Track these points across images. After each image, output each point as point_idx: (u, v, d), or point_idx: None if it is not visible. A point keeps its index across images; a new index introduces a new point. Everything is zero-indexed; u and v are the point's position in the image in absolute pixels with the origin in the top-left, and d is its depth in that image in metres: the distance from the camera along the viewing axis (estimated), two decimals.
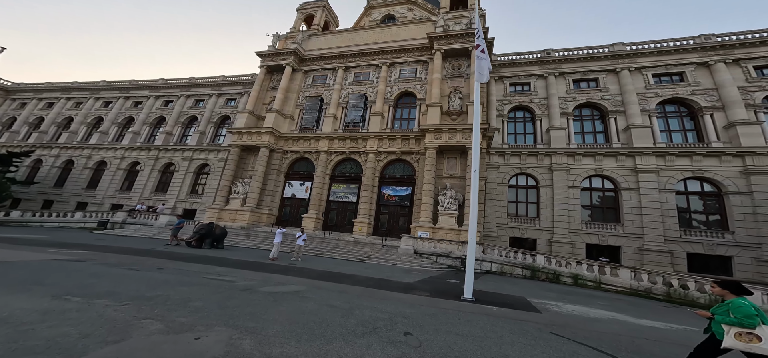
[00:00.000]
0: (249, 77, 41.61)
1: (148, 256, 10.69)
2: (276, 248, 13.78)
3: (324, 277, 9.39)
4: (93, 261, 8.59)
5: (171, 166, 36.91)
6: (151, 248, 13.54)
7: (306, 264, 12.50)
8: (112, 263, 8.47)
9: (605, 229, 20.47)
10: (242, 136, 29.95)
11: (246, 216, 26.21)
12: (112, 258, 9.38)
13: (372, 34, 35.64)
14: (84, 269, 7.19)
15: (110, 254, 10.53)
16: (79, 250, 11.24)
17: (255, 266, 10.58)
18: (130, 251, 11.65)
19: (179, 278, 6.84)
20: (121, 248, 12.43)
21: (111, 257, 9.74)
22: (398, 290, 8.54)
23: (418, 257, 17.31)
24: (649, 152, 20.57)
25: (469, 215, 9.61)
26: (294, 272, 9.75)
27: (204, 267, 9.04)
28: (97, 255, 9.93)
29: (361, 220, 25.07)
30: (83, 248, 11.86)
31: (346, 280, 9.27)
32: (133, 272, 7.15)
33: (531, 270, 16.09)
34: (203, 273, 7.95)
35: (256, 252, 15.77)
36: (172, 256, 11.17)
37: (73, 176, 38.50)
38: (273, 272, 9.34)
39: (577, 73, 27.25)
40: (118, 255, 10.19)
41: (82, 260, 8.75)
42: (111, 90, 47.69)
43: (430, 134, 24.08)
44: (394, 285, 9.28)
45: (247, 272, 8.78)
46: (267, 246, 17.58)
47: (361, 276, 10.44)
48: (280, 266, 11.07)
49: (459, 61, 28.68)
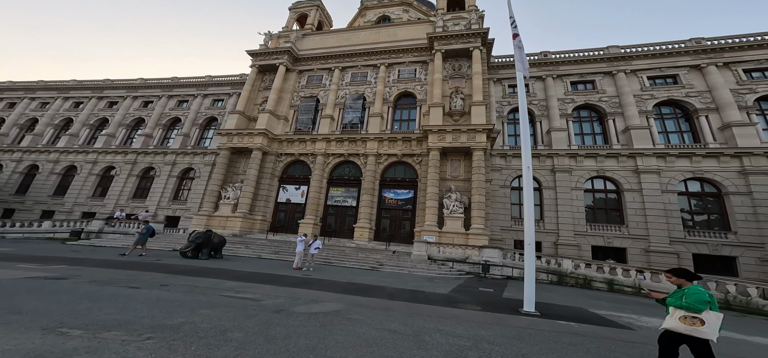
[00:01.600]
0: (238, 77, 39.90)
1: (140, 269, 9.35)
2: (299, 258, 12.73)
3: (350, 290, 8.48)
4: (78, 278, 7.26)
5: (151, 171, 34.49)
6: (139, 260, 12.06)
7: (321, 274, 11.51)
8: (102, 279, 7.18)
9: (610, 230, 20.65)
10: (233, 137, 28.33)
11: (238, 222, 24.61)
12: (101, 274, 8.04)
13: (369, 34, 35.02)
14: (71, 289, 5.94)
15: (95, 268, 9.12)
16: (55, 264, 9.72)
17: (269, 278, 9.48)
18: (118, 265, 10.21)
19: (194, 298, 5.75)
20: (105, 261, 10.92)
21: (98, 272, 8.38)
22: (442, 303, 7.74)
23: (433, 263, 16.59)
24: (650, 153, 21.03)
25: (525, 216, 8.57)
26: (316, 285, 8.78)
27: (214, 282, 7.91)
28: (80, 270, 8.53)
29: (362, 225, 24.13)
30: (60, 262, 10.30)
31: (376, 293, 8.38)
32: (133, 292, 5.97)
33: (557, 275, 15.40)
34: (217, 290, 6.84)
35: (261, 262, 14.51)
36: (169, 269, 9.84)
37: (38, 182, 35.17)
38: (294, 286, 8.32)
39: (575, 75, 27.74)
40: (105, 270, 8.81)
41: (64, 276, 7.40)
42: (82, 90, 44.41)
43: (433, 135, 23.59)
44: (434, 298, 8.47)
45: (265, 288, 7.72)
46: (268, 255, 16.32)
47: (390, 288, 9.55)
48: (298, 278, 10.03)
49: (459, 62, 28.51)
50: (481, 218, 19.46)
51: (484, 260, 16.03)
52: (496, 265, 15.98)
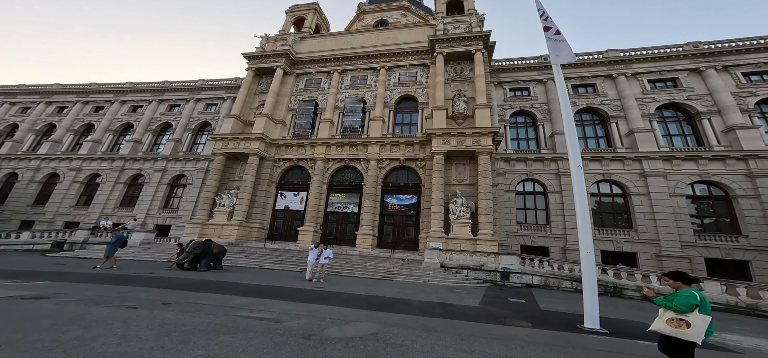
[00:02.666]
0: (232, 81, 38.97)
1: (134, 284, 8.41)
2: (311, 268, 11.92)
3: (374, 305, 7.72)
4: (63, 297, 6.33)
5: (140, 178, 33.01)
6: (132, 274, 11.03)
7: (334, 286, 10.71)
8: (92, 298, 6.27)
9: (619, 235, 20.42)
10: (228, 142, 27.31)
11: (234, 231, 23.51)
12: (89, 291, 7.10)
13: (368, 37, 34.71)
14: (55, 311, 5.05)
15: (82, 284, 8.14)
16: (35, 279, 8.69)
17: (281, 292, 8.64)
18: (108, 279, 9.21)
19: (205, 320, 4.95)
20: (92, 276, 9.88)
21: (86, 288, 7.43)
22: (482, 319, 7.02)
23: (446, 272, 15.94)
24: (656, 156, 21.04)
25: (578, 221, 7.93)
26: (335, 299, 8.00)
27: (221, 298, 7.06)
28: (64, 287, 7.56)
29: (365, 231, 23.36)
30: (40, 277, 9.24)
31: (404, 308, 7.64)
32: (132, 313, 5.12)
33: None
34: (228, 308, 6.03)
35: (265, 273, 13.57)
36: (167, 283, 8.90)
37: (17, 191, 33.20)
38: (311, 301, 7.53)
39: (575, 79, 27.86)
40: (94, 286, 7.85)
41: (46, 295, 6.45)
42: (66, 94, 42.69)
43: (438, 139, 23.13)
44: (470, 312, 7.74)
45: (281, 304, 6.90)
46: (271, 264, 15.37)
47: (416, 301, 8.81)
48: (313, 292, 9.23)
49: (461, 65, 28.33)
50: (490, 223, 18.96)
51: (502, 268, 15.37)
52: (515, 272, 15.31)
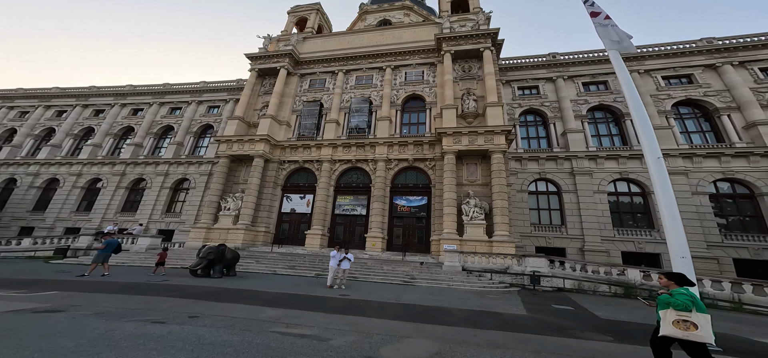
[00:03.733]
0: (234, 83, 38.69)
1: (150, 293, 8.01)
2: (332, 274, 11.57)
3: (414, 315, 7.23)
4: (79, 309, 5.93)
5: (141, 182, 32.63)
6: (144, 281, 10.63)
7: (358, 292, 10.28)
8: (111, 310, 5.87)
9: (641, 235, 20.01)
10: (233, 144, 26.97)
11: (240, 235, 23.11)
12: (105, 302, 6.70)
13: (372, 37, 34.48)
14: (73, 327, 4.63)
15: (95, 294, 7.73)
16: (42, 289, 8.27)
17: (307, 302, 8.18)
18: (121, 288, 8.80)
19: (243, 338, 4.50)
20: (103, 285, 9.46)
21: (101, 299, 7.03)
22: (546, 330, 6.49)
23: (469, 275, 15.48)
24: (676, 154, 20.68)
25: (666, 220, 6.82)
26: (368, 309, 7.54)
27: (248, 309, 6.63)
28: (77, 298, 7.15)
29: (374, 234, 22.97)
30: (47, 286, 8.82)
31: (447, 318, 7.18)
32: (160, 329, 4.71)
33: (624, 287, 13.71)
34: (261, 322, 5.60)
35: (281, 279, 13.11)
36: (185, 292, 8.48)
37: (16, 197, 32.78)
38: (344, 312, 7.09)
39: (586, 76, 27.61)
40: (108, 296, 7.45)
41: (58, 307, 6.04)
42: (65, 98, 42.38)
43: (448, 138, 22.78)
44: (524, 322, 7.23)
45: (314, 317, 6.46)
46: (283, 270, 14.95)
47: (456, 309, 8.34)
48: (341, 300, 8.78)
49: (469, 63, 28.06)
50: (506, 225, 18.58)
51: (531, 271, 14.85)
52: (545, 276, 14.76)
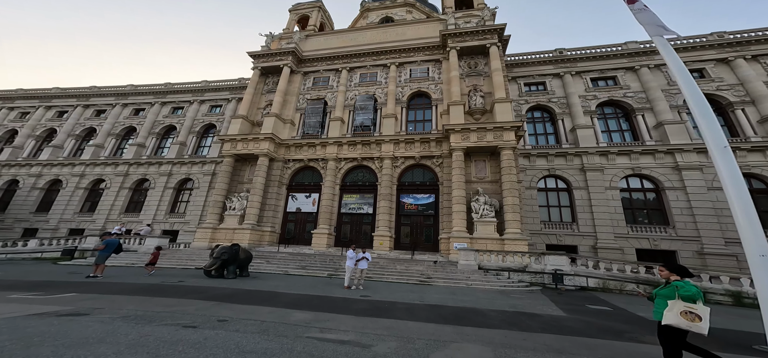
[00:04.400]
0: (236, 82, 38.61)
1: (171, 295, 7.86)
2: (349, 274, 11.38)
3: (449, 318, 7.02)
4: (103, 312, 5.74)
5: (145, 183, 32.57)
6: (160, 282, 10.48)
7: (378, 293, 10.10)
8: (138, 314, 5.68)
9: (655, 232, 19.81)
10: (237, 143, 26.85)
11: (246, 235, 23.00)
12: (128, 304, 6.55)
13: (375, 34, 34.32)
14: (106, 333, 4.39)
15: (114, 296, 7.59)
16: (59, 291, 8.09)
17: (331, 304, 7.96)
18: (137, 290, 8.65)
19: (282, 345, 4.32)
20: (120, 286, 9.28)
21: (123, 302, 6.87)
22: (601, 334, 6.22)
23: (486, 274, 15.26)
24: (690, 149, 20.49)
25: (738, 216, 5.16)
26: (398, 312, 7.32)
27: (276, 312, 6.45)
28: (97, 300, 6.99)
29: (382, 233, 22.85)
30: (63, 288, 8.65)
31: (483, 320, 6.99)
32: (196, 336, 4.50)
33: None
34: (293, 326, 5.41)
35: (296, 280, 12.88)
36: (204, 293, 8.29)
37: (19, 199, 32.73)
38: (374, 315, 6.88)
39: (594, 72, 27.43)
40: (129, 298, 7.28)
41: (83, 311, 5.84)
42: (66, 98, 42.33)
43: (456, 135, 22.62)
44: (571, 324, 7.00)
45: (346, 320, 6.27)
46: (295, 270, 14.82)
47: (487, 310, 8.12)
48: (366, 302, 8.55)
49: (475, 60, 27.88)
50: (517, 222, 18.41)
51: (553, 269, 14.54)
52: (568, 274, 14.44)
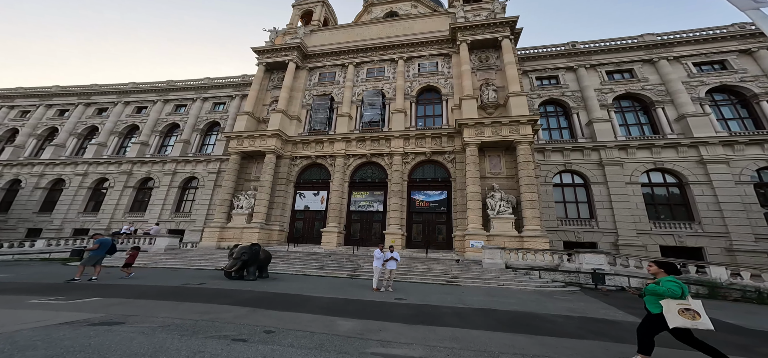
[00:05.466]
0: (239, 79, 38.34)
1: (197, 299, 7.44)
2: (378, 276, 10.90)
3: (508, 325, 6.49)
4: (139, 320, 5.36)
5: (149, 182, 32.36)
6: (182, 285, 10.08)
7: (413, 295, 9.66)
8: (174, 323, 5.28)
9: (680, 228, 19.34)
10: (243, 140, 26.56)
11: (255, 234, 22.73)
12: (160, 311, 6.16)
13: (382, 29, 33.93)
14: (156, 347, 4.05)
15: (140, 300, 7.19)
16: (82, 295, 7.66)
17: (372, 309, 7.43)
18: (160, 293, 8.21)
19: None
20: (143, 289, 8.84)
21: (151, 307, 6.47)
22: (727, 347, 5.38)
23: (516, 273, 14.80)
24: (715, 142, 20.01)
25: None
26: (448, 318, 6.80)
27: (316, 320, 6.06)
28: (125, 305, 6.62)
29: (394, 231, 22.51)
30: (85, 292, 8.20)
31: (551, 328, 6.50)
32: (248, 350, 4.15)
33: (708, 287, 12.27)
34: (344, 337, 5.02)
35: (318, 281, 12.35)
36: (234, 298, 7.88)
37: (22, 198, 32.58)
38: (426, 323, 6.33)
39: (610, 65, 26.97)
40: (158, 304, 6.87)
41: (117, 319, 5.42)
42: (67, 96, 42.14)
43: (470, 130, 22.23)
44: None
45: (399, 329, 5.79)
46: (312, 270, 14.47)
47: (548, 316, 7.52)
48: (411, 307, 8.00)
49: (486, 53, 27.46)
50: (537, 219, 18.01)
51: (592, 268, 13.69)
52: (608, 274, 13.65)
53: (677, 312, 3.98)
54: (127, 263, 12.54)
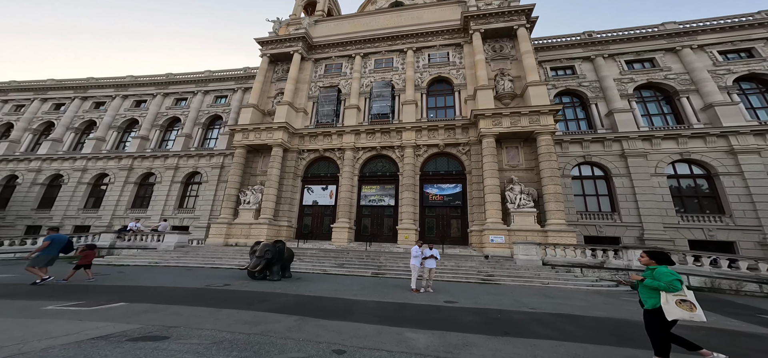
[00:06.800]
0: (241, 71, 37.71)
1: (231, 305, 6.87)
2: (416, 275, 10.27)
3: (609, 335, 5.85)
4: (182, 334, 4.62)
5: (151, 177, 31.85)
6: (205, 286, 9.51)
7: (457, 297, 9.03)
8: (226, 338, 4.57)
9: (710, 222, 18.89)
10: (249, 134, 26.04)
11: (263, 230, 22.27)
12: (202, 321, 5.51)
13: (389, 18, 33.27)
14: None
15: (172, 306, 6.57)
16: (103, 300, 7.04)
17: (427, 315, 6.73)
18: (190, 297, 7.60)
19: None
20: (167, 293, 8.20)
21: (188, 315, 5.86)
22: None
23: (552, 270, 14.23)
24: (747, 131, 19.51)
25: None
26: (538, 328, 6.06)
27: (381, 332, 5.37)
28: (159, 314, 5.92)
29: (407, 226, 22.10)
30: (105, 296, 7.62)
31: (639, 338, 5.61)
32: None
33: None
34: (420, 355, 4.33)
35: (346, 281, 11.76)
36: (271, 303, 7.25)
37: (19, 195, 32.06)
38: (508, 333, 5.66)
39: (629, 54, 26.43)
40: (194, 311, 6.28)
41: (157, 333, 4.68)
42: (62, 90, 41.46)
43: (487, 120, 21.72)
44: None
45: (486, 342, 5.10)
46: (333, 268, 13.94)
47: (624, 321, 6.89)
48: (469, 312, 7.15)
49: (500, 43, 26.89)
50: (561, 212, 17.56)
51: (631, 265, 12.98)
52: None
53: (675, 303, 3.89)
54: (81, 264, 10.69)
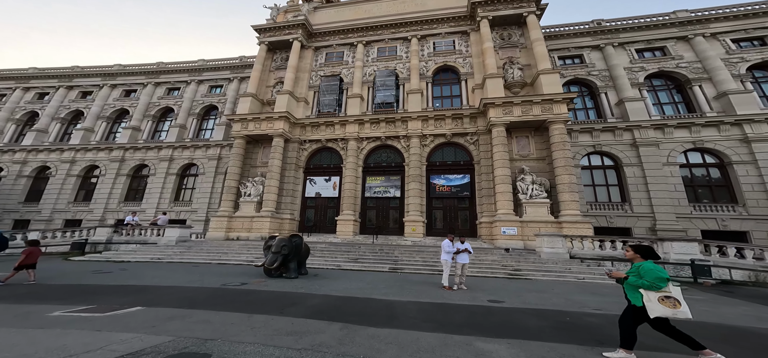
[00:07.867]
0: (237, 60, 36.82)
1: (260, 309, 6.30)
2: (448, 271, 9.79)
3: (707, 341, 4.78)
4: (223, 353, 4.03)
5: (144, 169, 31.04)
6: (220, 285, 9.01)
7: (497, 295, 8.58)
8: (273, 354, 4.08)
9: (723, 211, 19.01)
10: (248, 124, 25.39)
11: (266, 223, 21.84)
12: (241, 332, 4.90)
13: (392, 5, 32.54)
14: None
15: (196, 312, 5.97)
16: (116, 302, 6.47)
17: (483, 319, 6.19)
18: (211, 300, 7.09)
19: None
20: (182, 294, 7.70)
21: (219, 323, 5.28)
22: None
23: (582, 263, 13.88)
24: (761, 119, 19.58)
25: None
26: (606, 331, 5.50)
27: (443, 343, 4.76)
28: (183, 319, 5.43)
29: (414, 218, 21.85)
30: (113, 296, 7.11)
31: None
32: None
33: None
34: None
35: (366, 277, 11.33)
36: (304, 306, 6.71)
37: (5, 188, 31.01)
38: (582, 341, 5.06)
39: (640, 43, 26.34)
40: (224, 317, 5.69)
41: (196, 349, 4.20)
42: (45, 78, 40.10)
43: (497, 109, 21.44)
44: None
45: (566, 350, 4.57)
46: (347, 263, 13.49)
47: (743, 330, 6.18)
48: (522, 313, 6.81)
49: (508, 31, 26.52)
50: (576, 203, 17.44)
51: (689, 259, 12.12)
52: (704, 264, 12.06)
53: (657, 300, 3.87)
54: (24, 264, 9.45)
